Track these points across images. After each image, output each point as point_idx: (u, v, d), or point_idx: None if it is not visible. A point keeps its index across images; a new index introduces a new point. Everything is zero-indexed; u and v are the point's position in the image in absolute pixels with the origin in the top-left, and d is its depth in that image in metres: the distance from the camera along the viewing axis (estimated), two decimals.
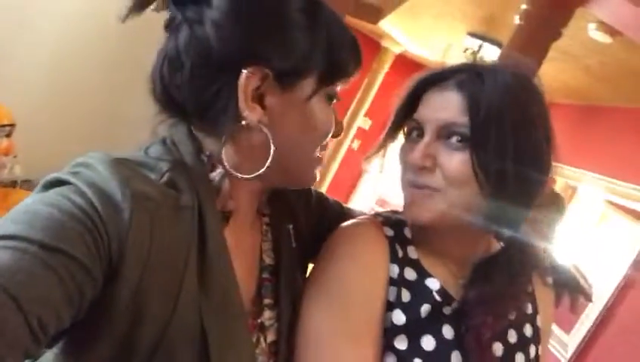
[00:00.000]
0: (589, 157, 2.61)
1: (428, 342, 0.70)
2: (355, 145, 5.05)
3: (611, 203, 2.41)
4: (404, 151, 0.73)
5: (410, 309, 0.70)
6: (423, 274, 0.73)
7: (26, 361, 0.43)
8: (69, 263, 0.44)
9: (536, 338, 0.77)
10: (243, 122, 0.58)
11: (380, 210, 0.89)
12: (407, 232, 0.76)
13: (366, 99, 4.68)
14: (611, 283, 2.16)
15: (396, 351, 0.68)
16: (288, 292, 0.69)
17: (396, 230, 0.76)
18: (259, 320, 0.64)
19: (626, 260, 2.15)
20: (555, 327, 0.92)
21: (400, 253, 0.73)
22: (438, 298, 0.71)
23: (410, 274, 0.73)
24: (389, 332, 0.69)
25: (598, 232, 2.44)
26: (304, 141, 0.62)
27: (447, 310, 0.72)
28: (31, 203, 0.47)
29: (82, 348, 0.51)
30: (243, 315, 0.60)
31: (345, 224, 0.75)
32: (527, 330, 0.77)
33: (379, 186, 4.97)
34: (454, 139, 0.68)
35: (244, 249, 0.66)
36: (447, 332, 0.71)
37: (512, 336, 0.76)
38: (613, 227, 2.37)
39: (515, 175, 0.67)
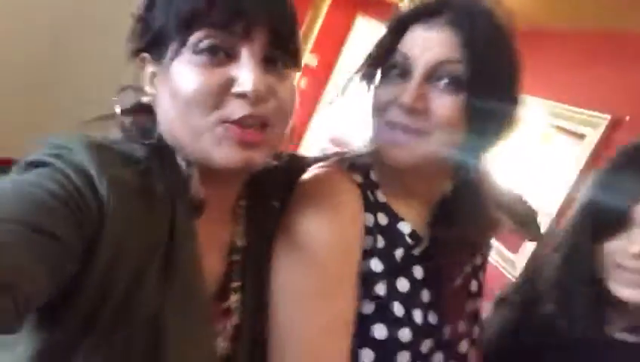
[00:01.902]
0: (532, 83, 2.67)
1: (403, 285, 0.72)
2: (303, 83, 4.96)
3: (554, 125, 2.50)
4: (386, 92, 0.71)
5: (385, 255, 0.71)
6: (394, 217, 0.74)
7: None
8: (53, 243, 0.45)
9: (481, 292, 0.84)
10: (143, 100, 0.61)
11: (335, 149, 0.85)
12: (374, 176, 0.76)
13: (310, 35, 4.55)
14: (555, 202, 2.28)
15: (375, 298, 0.69)
16: (255, 272, 0.68)
17: (363, 175, 0.75)
18: (225, 305, 0.65)
19: (568, 179, 2.26)
20: (502, 248, 1.01)
21: (371, 199, 0.73)
22: (410, 241, 0.73)
23: (382, 219, 0.73)
24: (368, 280, 0.69)
25: (542, 153, 2.54)
26: (174, 109, 0.58)
27: (416, 251, 0.74)
28: (12, 184, 0.48)
29: (47, 323, 0.52)
30: (205, 305, 0.61)
31: (313, 174, 0.73)
32: (474, 285, 0.83)
33: (332, 125, 4.96)
34: (444, 80, 0.66)
35: (219, 237, 0.66)
36: (418, 272, 0.73)
37: (474, 286, 0.82)
38: (556, 149, 2.47)
39: (503, 113, 0.68)
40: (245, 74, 0.55)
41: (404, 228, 0.74)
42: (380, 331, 0.68)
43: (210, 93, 0.55)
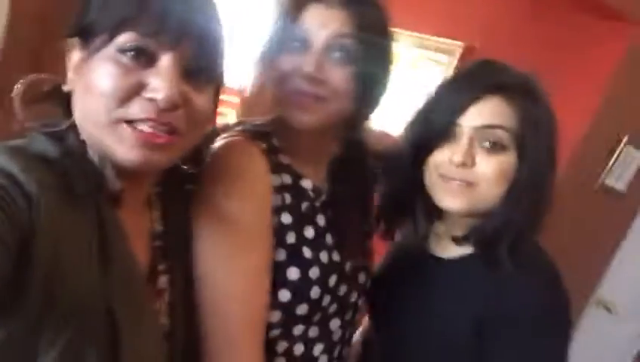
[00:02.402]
0: (399, 17, 2.90)
1: (309, 231, 0.83)
2: None
3: (422, 55, 2.79)
4: (288, 63, 0.78)
5: (293, 209, 0.82)
6: (297, 176, 0.84)
7: None
8: None
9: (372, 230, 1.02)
10: (64, 88, 0.61)
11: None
12: (275, 142, 0.84)
13: None
14: None
15: (286, 246, 0.79)
16: (178, 253, 0.72)
17: (266, 142, 0.83)
18: (157, 287, 0.68)
19: None
20: None
21: (275, 161, 0.81)
22: (312, 195, 0.85)
23: (287, 179, 0.83)
24: (279, 231, 0.79)
25: (410, 79, 2.83)
26: (85, 102, 0.59)
27: (317, 202, 0.87)
28: None
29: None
30: (142, 283, 0.64)
31: (221, 145, 0.78)
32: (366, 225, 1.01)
33: None
34: (339, 53, 0.77)
35: (138, 224, 0.68)
36: (321, 220, 0.86)
37: (366, 226, 0.98)
38: (423, 75, 2.77)
39: (385, 77, 0.85)
40: (159, 81, 0.56)
41: (306, 184, 0.85)
42: (293, 273, 0.78)
43: (121, 90, 0.56)
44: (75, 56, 0.61)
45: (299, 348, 0.84)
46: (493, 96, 0.83)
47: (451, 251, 0.93)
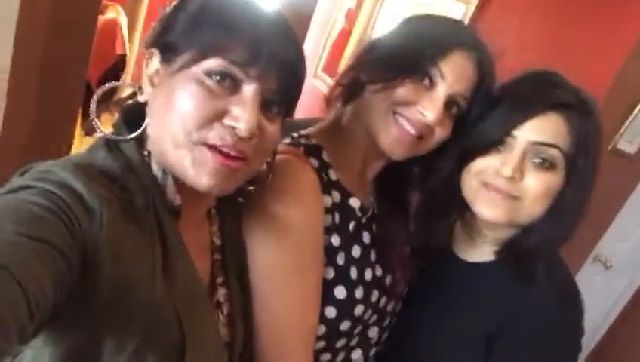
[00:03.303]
0: None
1: (356, 251, 0.84)
2: None
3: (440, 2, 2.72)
4: (408, 93, 0.78)
5: (342, 229, 0.82)
6: (345, 194, 0.85)
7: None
8: (53, 251, 0.45)
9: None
10: (140, 99, 0.62)
11: None
12: (325, 156, 0.84)
13: None
14: None
15: (335, 266, 0.81)
16: (234, 267, 0.73)
17: (317, 157, 0.83)
18: (215, 299, 0.70)
19: None
20: None
21: (325, 180, 0.82)
22: (359, 214, 0.86)
23: (336, 197, 0.83)
24: (329, 251, 0.80)
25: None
26: (164, 116, 0.58)
27: (364, 219, 0.87)
28: (3, 202, 0.48)
29: (64, 340, 0.52)
30: (205, 296, 0.66)
31: (277, 163, 0.76)
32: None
33: None
34: (454, 108, 0.81)
35: (199, 238, 0.70)
36: (366, 237, 0.87)
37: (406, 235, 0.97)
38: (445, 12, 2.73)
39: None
40: (242, 111, 0.57)
41: (354, 203, 0.85)
42: (340, 293, 0.80)
43: (204, 113, 0.56)
44: (152, 66, 0.62)
45: (340, 357, 0.87)
46: (554, 113, 0.82)
47: (475, 255, 0.94)
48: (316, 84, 3.64)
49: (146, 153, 0.62)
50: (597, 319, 2.87)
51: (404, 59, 0.78)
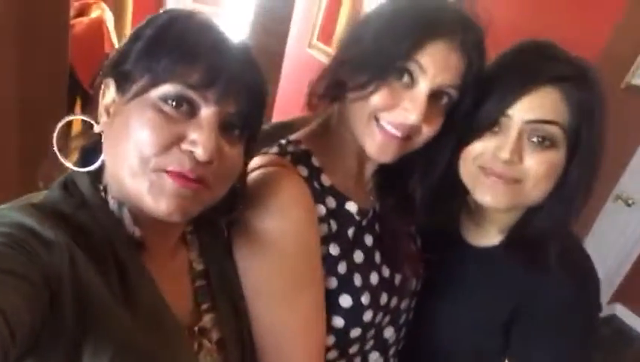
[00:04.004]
0: None
1: (359, 256, 0.79)
2: None
3: None
4: (389, 96, 0.71)
5: (340, 237, 0.77)
6: (341, 198, 0.79)
7: None
8: (22, 281, 0.45)
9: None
10: (96, 129, 0.60)
11: None
12: (316, 161, 0.79)
13: None
14: None
15: (337, 274, 0.76)
16: (223, 290, 0.70)
17: (305, 163, 0.77)
18: (197, 327, 0.66)
19: None
20: None
21: (318, 188, 0.77)
22: (358, 218, 0.80)
23: (330, 203, 0.78)
24: (329, 261, 0.75)
25: None
26: (119, 145, 0.56)
27: (364, 222, 0.82)
28: None
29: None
30: (178, 329, 0.62)
31: (260, 177, 0.73)
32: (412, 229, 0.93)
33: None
34: (444, 101, 0.74)
35: (173, 266, 0.67)
36: (368, 239, 0.82)
37: (412, 230, 0.92)
38: None
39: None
40: (201, 136, 0.55)
41: (351, 207, 0.79)
42: (345, 301, 0.76)
43: (162, 143, 0.54)
44: (109, 96, 0.60)
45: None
46: (549, 88, 0.75)
47: (483, 240, 0.90)
48: (312, 54, 3.56)
49: (102, 187, 0.61)
50: (620, 256, 2.90)
51: (377, 59, 0.71)
